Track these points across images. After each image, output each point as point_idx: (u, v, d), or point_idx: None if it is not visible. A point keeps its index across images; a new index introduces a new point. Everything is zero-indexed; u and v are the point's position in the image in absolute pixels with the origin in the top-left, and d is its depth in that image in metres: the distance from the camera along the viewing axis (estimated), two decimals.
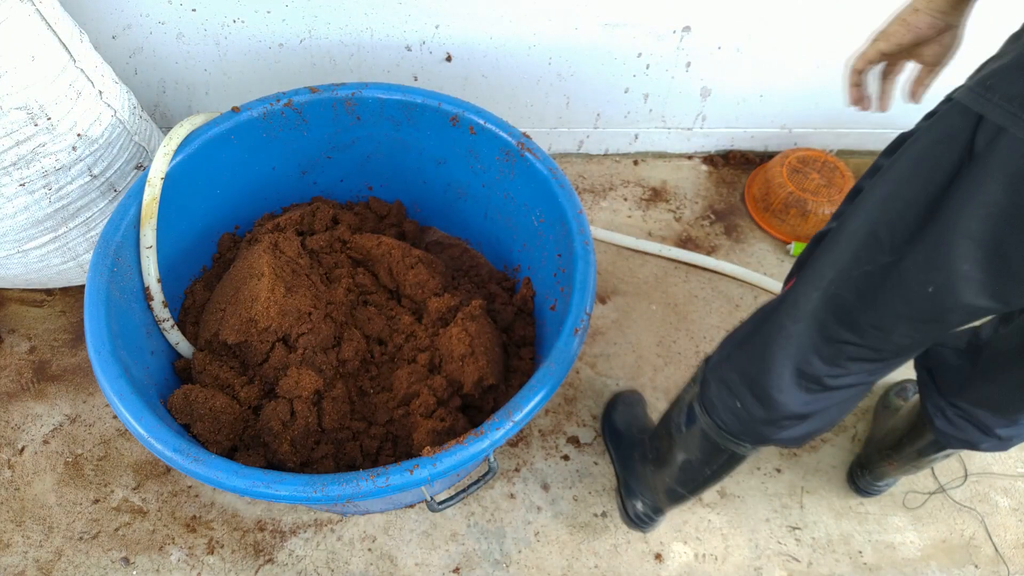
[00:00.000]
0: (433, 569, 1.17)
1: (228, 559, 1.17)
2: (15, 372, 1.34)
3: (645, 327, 1.45)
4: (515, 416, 0.88)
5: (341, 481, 0.82)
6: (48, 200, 1.14)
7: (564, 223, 1.09)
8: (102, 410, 1.30)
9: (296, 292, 1.11)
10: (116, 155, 1.19)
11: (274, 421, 1.01)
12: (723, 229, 1.62)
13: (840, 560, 1.21)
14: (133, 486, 1.23)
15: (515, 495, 1.25)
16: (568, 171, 1.69)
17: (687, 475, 0.99)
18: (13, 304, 1.42)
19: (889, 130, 1.69)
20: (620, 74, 1.50)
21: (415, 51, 1.41)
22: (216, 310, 1.11)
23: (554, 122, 1.62)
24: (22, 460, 1.25)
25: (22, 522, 1.19)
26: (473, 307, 1.14)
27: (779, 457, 1.31)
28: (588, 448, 1.30)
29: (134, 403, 0.88)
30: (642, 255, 1.56)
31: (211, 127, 1.14)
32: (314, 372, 1.06)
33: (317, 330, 1.10)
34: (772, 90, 1.57)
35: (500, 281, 1.31)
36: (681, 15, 1.38)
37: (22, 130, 1.05)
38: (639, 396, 1.32)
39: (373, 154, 1.32)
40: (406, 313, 1.19)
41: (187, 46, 1.36)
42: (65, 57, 1.07)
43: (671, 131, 1.67)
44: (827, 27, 1.42)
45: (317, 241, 1.23)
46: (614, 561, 1.19)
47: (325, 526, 1.20)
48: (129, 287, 1.03)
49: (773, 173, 1.58)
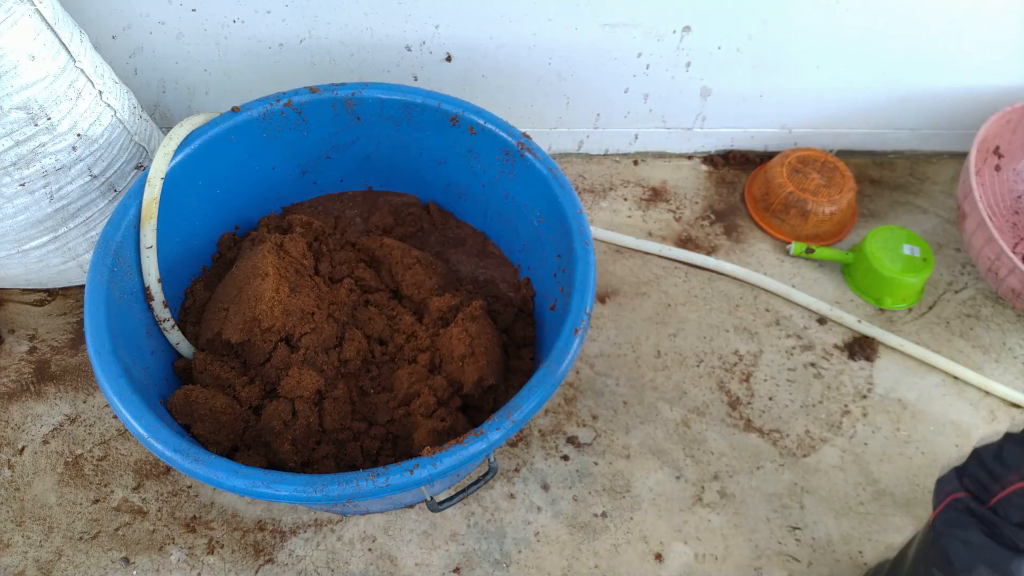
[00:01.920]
0: (433, 569, 1.17)
1: (228, 559, 1.17)
2: (15, 372, 1.34)
3: (645, 327, 1.45)
4: (515, 416, 0.88)
5: (341, 481, 0.82)
6: (48, 200, 1.14)
7: (564, 223, 1.09)
8: (102, 410, 1.30)
9: (300, 292, 1.11)
10: (116, 155, 1.19)
11: (275, 421, 1.01)
12: (723, 229, 1.62)
13: (840, 560, 1.21)
14: (133, 486, 1.23)
15: (515, 495, 1.25)
16: (568, 171, 1.69)
17: None
18: (13, 304, 1.42)
19: (888, 130, 1.69)
20: (620, 74, 1.51)
21: (415, 51, 1.41)
22: (218, 309, 1.11)
23: (554, 122, 1.62)
24: (22, 460, 1.25)
25: (22, 522, 1.19)
26: (473, 307, 1.14)
27: (779, 457, 1.31)
28: (588, 448, 1.30)
29: (134, 403, 0.88)
30: (642, 255, 1.56)
31: (211, 127, 1.14)
32: (316, 372, 1.06)
33: (320, 330, 1.10)
34: (772, 90, 1.57)
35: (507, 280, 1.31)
36: (681, 15, 1.38)
37: (22, 130, 1.05)
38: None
39: (373, 154, 1.32)
40: (407, 313, 1.19)
41: (187, 46, 1.36)
42: (65, 57, 1.07)
43: (671, 131, 1.67)
44: (827, 27, 1.42)
45: (327, 243, 1.24)
46: (614, 561, 1.19)
47: (325, 526, 1.20)
48: (129, 287, 1.03)
49: (773, 173, 1.58)
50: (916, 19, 1.41)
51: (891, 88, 1.58)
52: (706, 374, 1.40)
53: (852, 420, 1.36)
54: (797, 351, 1.44)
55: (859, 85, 1.56)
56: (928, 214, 1.68)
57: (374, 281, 1.23)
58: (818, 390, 1.40)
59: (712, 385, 1.39)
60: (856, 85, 1.56)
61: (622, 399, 1.36)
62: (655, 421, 1.34)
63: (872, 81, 1.55)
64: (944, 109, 1.64)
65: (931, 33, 1.44)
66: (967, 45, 1.48)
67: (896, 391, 1.40)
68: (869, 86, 1.57)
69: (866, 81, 1.55)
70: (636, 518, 1.24)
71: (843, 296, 1.53)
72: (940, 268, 1.58)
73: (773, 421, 1.35)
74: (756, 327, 1.47)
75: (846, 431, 1.35)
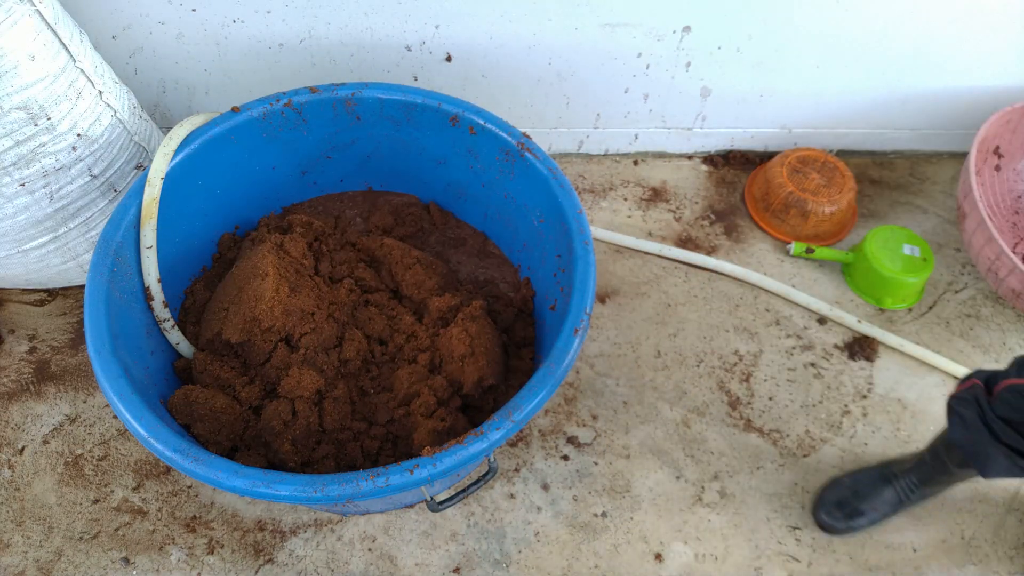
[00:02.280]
0: (433, 569, 1.17)
1: (228, 559, 1.17)
2: (15, 372, 1.34)
3: (645, 327, 1.45)
4: (515, 416, 0.88)
5: (341, 481, 0.82)
6: (48, 200, 1.14)
7: (564, 223, 1.09)
8: (102, 410, 1.30)
9: (300, 292, 1.11)
10: (116, 155, 1.19)
11: (276, 421, 1.01)
12: (723, 229, 1.62)
13: (840, 560, 1.21)
14: (133, 486, 1.23)
15: (515, 495, 1.25)
16: (568, 171, 1.69)
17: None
18: (13, 304, 1.42)
19: (888, 130, 1.69)
20: (620, 74, 1.50)
21: (415, 51, 1.41)
22: (219, 309, 1.11)
23: (554, 122, 1.62)
24: (22, 460, 1.25)
25: (22, 522, 1.19)
26: (474, 307, 1.14)
27: (779, 457, 1.31)
28: (588, 448, 1.30)
29: (134, 403, 0.88)
30: (642, 255, 1.56)
31: (211, 127, 1.14)
32: (316, 372, 1.06)
33: (320, 330, 1.10)
34: (772, 90, 1.57)
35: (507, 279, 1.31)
36: (681, 15, 1.38)
37: (22, 130, 1.05)
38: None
39: (373, 154, 1.32)
40: (407, 313, 1.19)
41: (187, 46, 1.36)
42: (65, 57, 1.07)
43: (671, 131, 1.67)
44: (827, 27, 1.42)
45: (327, 243, 1.24)
46: (614, 561, 1.19)
47: (325, 526, 1.20)
48: (129, 287, 1.03)
49: (773, 173, 1.58)
50: (916, 19, 1.41)
51: (891, 88, 1.57)
52: (706, 374, 1.40)
53: (852, 420, 1.36)
54: (797, 351, 1.44)
55: (859, 85, 1.56)
56: (928, 214, 1.68)
57: (374, 281, 1.23)
58: (818, 390, 1.40)
59: (712, 385, 1.39)
60: (856, 85, 1.56)
61: (622, 399, 1.36)
62: (655, 421, 1.34)
63: (872, 81, 1.55)
64: (944, 109, 1.64)
65: (931, 33, 1.44)
66: (967, 45, 1.48)
67: (896, 391, 1.40)
68: (869, 86, 1.57)
69: (866, 81, 1.55)
70: (636, 518, 1.24)
71: (843, 296, 1.53)
72: (940, 268, 1.58)
73: (773, 421, 1.35)
74: (756, 327, 1.47)
75: (846, 431, 1.35)
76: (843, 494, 1.22)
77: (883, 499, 1.20)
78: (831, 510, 1.21)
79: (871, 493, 1.20)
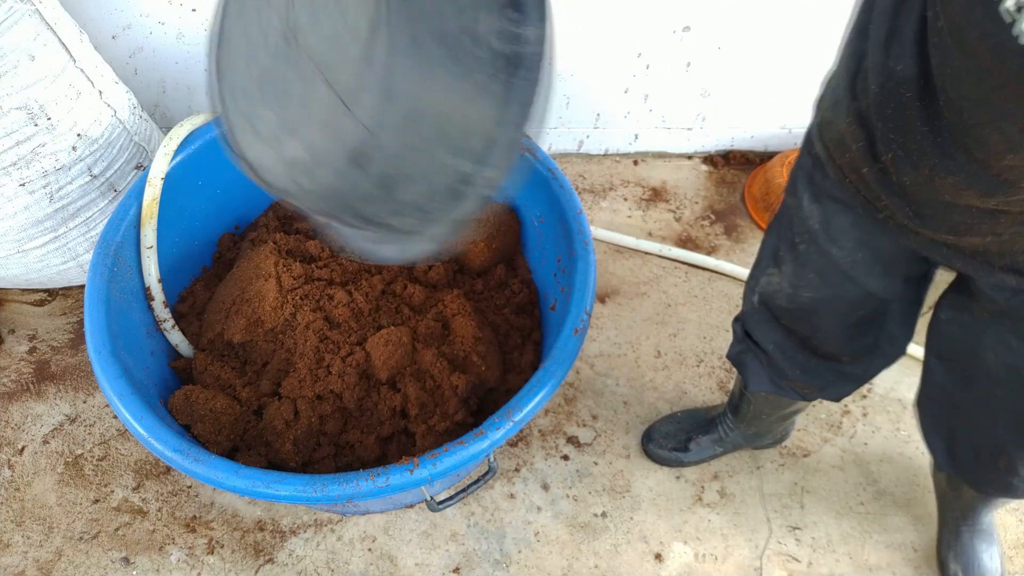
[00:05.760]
0: (433, 569, 1.17)
1: (228, 559, 1.17)
2: (15, 372, 1.34)
3: (645, 327, 1.45)
4: (515, 416, 0.88)
5: (341, 481, 0.82)
6: (48, 200, 1.14)
7: (564, 223, 1.09)
8: (102, 410, 1.30)
9: (301, 292, 1.10)
10: (116, 155, 1.19)
11: (278, 421, 1.01)
12: (723, 229, 1.62)
13: (840, 560, 1.21)
14: (133, 486, 1.23)
15: (515, 495, 1.25)
16: (568, 171, 1.69)
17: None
18: (13, 304, 1.42)
19: None
20: (620, 74, 1.50)
21: None
22: (220, 310, 1.11)
23: (554, 122, 1.62)
24: (22, 460, 1.25)
25: (22, 522, 1.19)
26: (474, 308, 1.14)
27: (779, 457, 1.31)
28: (588, 448, 1.30)
29: (134, 403, 0.88)
30: (642, 255, 1.56)
31: (211, 127, 1.14)
32: (317, 372, 1.06)
33: (320, 330, 1.10)
34: (772, 90, 1.57)
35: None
36: (681, 15, 1.38)
37: (22, 130, 1.05)
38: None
39: None
40: (408, 313, 1.19)
41: (187, 46, 1.36)
42: (65, 57, 1.07)
43: (671, 131, 1.67)
44: (827, 27, 1.42)
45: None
46: (614, 561, 1.19)
47: (325, 526, 1.20)
48: (129, 287, 1.03)
49: (773, 173, 1.58)
50: None
51: None
52: (706, 374, 1.40)
53: (852, 420, 1.36)
54: None
55: None
56: None
57: (376, 281, 1.23)
58: None
59: (712, 385, 1.39)
60: None
61: (622, 399, 1.36)
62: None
63: None
64: None
65: None
66: None
67: (896, 391, 1.40)
68: None
69: None
70: (636, 518, 1.24)
71: None
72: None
73: None
74: None
75: (846, 431, 1.35)
76: (672, 428, 1.29)
77: (709, 437, 1.26)
78: (659, 440, 1.28)
79: (697, 430, 1.27)
